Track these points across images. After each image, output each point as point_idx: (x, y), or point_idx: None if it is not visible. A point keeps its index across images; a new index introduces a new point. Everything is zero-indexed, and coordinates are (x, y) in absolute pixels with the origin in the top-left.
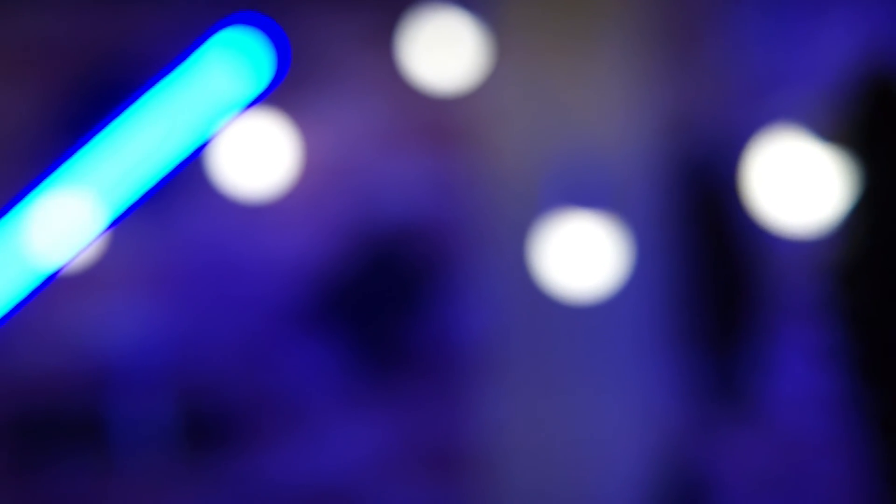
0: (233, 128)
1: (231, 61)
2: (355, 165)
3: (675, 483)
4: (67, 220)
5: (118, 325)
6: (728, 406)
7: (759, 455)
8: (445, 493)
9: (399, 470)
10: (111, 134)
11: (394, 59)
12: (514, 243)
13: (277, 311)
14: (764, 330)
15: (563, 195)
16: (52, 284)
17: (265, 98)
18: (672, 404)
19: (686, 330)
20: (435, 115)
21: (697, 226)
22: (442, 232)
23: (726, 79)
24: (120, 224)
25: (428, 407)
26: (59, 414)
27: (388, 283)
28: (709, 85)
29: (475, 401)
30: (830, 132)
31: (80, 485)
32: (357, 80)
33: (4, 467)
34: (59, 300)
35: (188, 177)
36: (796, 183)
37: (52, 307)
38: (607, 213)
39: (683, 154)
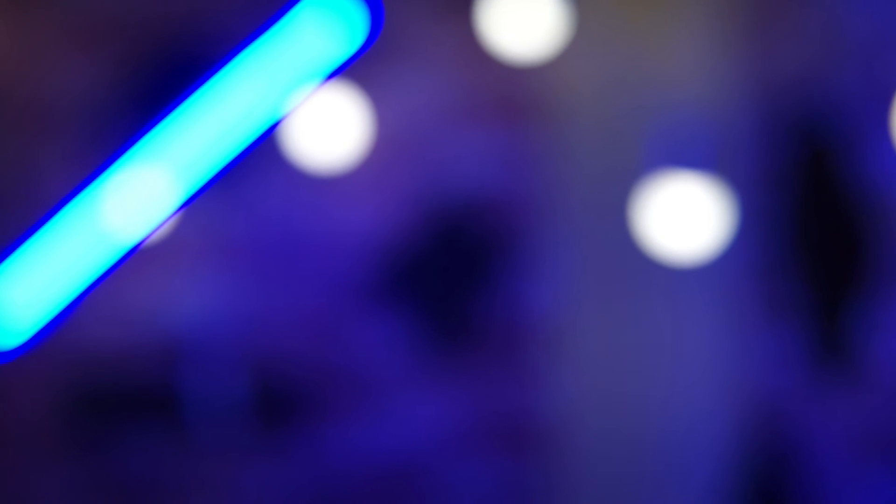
0: (306, 100)
1: (324, 22)
2: (426, 138)
3: (767, 453)
4: (145, 194)
5: (189, 299)
6: (832, 370)
7: (863, 419)
8: (515, 470)
9: (467, 445)
10: (193, 106)
11: (472, 28)
12: (589, 214)
13: (347, 285)
14: (870, 292)
15: (658, 159)
16: (124, 258)
17: (354, 62)
18: (769, 371)
19: (789, 294)
20: (510, 86)
21: (802, 187)
22: (512, 205)
23: (835, 38)
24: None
25: (497, 382)
26: (130, 389)
27: (458, 257)
28: (816, 44)
29: (545, 375)
30: None
31: (150, 459)
32: (433, 50)
33: (77, 442)
34: (130, 274)
35: (260, 150)
36: None
37: (123, 281)
38: (707, 176)
39: (788, 115)
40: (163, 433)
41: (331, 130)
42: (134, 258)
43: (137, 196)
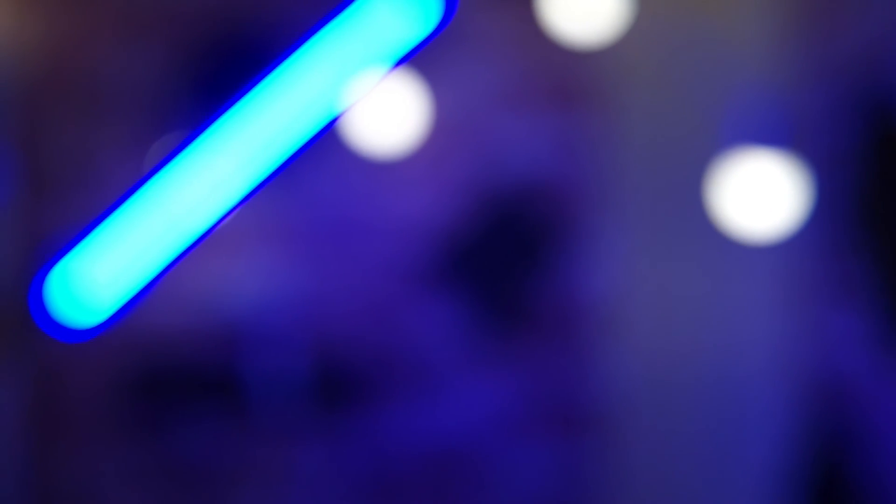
0: (374, 87)
1: (396, 8)
2: (483, 123)
3: (831, 433)
4: (214, 181)
5: (249, 283)
6: None
7: None
8: (569, 452)
9: (522, 428)
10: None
11: (532, 13)
12: (645, 197)
13: (403, 269)
14: None
15: (727, 139)
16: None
17: (422, 48)
18: (835, 351)
19: (859, 273)
20: (567, 71)
21: (875, 166)
22: (567, 190)
23: None
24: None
25: (551, 365)
26: (191, 372)
27: (513, 241)
28: (887, 21)
29: (599, 358)
30: None
31: (210, 441)
32: (492, 36)
33: (138, 424)
34: (192, 259)
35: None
36: None
37: (184, 266)
38: (780, 155)
39: (860, 93)
40: (223, 416)
41: (389, 116)
42: (200, 242)
43: (207, 183)
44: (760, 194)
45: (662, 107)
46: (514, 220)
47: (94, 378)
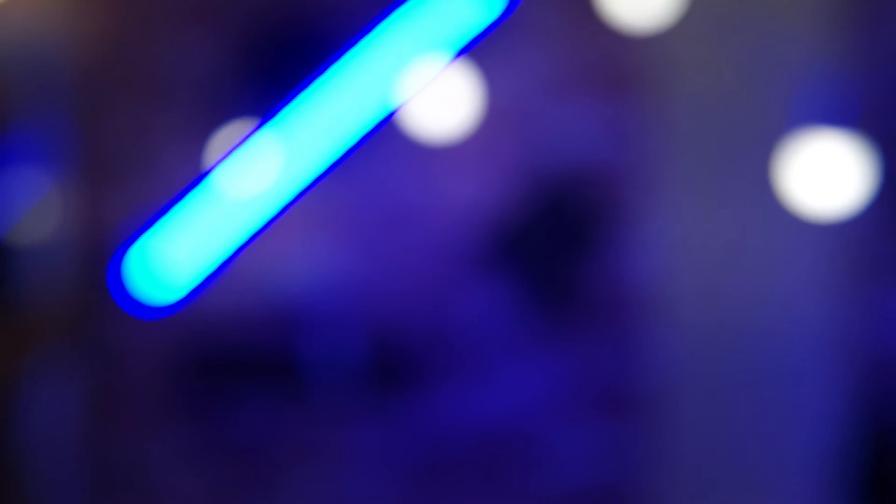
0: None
1: None
2: (535, 109)
3: (883, 415)
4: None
5: (304, 266)
6: None
7: None
8: (619, 434)
9: (572, 410)
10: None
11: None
12: (692, 184)
13: (455, 252)
14: None
15: (789, 121)
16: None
17: (484, 37)
18: (890, 332)
19: None
20: (619, 58)
21: None
22: (617, 175)
23: None
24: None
25: (600, 348)
26: (247, 355)
27: (563, 226)
28: None
29: (649, 342)
30: None
31: (266, 424)
32: (545, 22)
33: (195, 407)
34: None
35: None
36: None
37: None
38: (846, 136)
39: None
40: (278, 398)
41: (442, 102)
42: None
43: (275, 168)
44: (821, 176)
45: (714, 91)
46: (564, 205)
47: (152, 361)
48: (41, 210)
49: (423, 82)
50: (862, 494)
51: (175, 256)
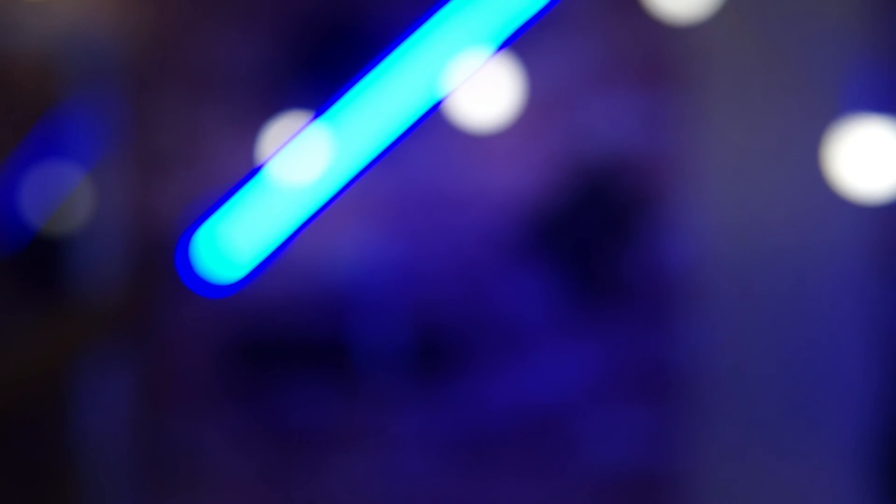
0: (477, 68)
1: None
2: (575, 99)
3: None
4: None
5: (351, 253)
6: None
7: None
8: (655, 418)
9: (610, 395)
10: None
11: None
12: (729, 173)
13: (496, 240)
14: None
15: (830, 110)
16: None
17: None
18: None
19: None
20: (659, 47)
21: None
22: (655, 164)
23: None
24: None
25: (638, 334)
26: (294, 339)
27: (601, 214)
28: None
29: (685, 328)
30: None
31: (312, 407)
32: (585, 11)
33: (243, 390)
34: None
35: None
36: None
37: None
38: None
39: None
40: (325, 382)
41: (484, 91)
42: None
43: (322, 158)
44: (864, 162)
45: (752, 81)
46: (602, 193)
47: (203, 345)
48: (94, 200)
49: (467, 73)
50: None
51: (237, 239)
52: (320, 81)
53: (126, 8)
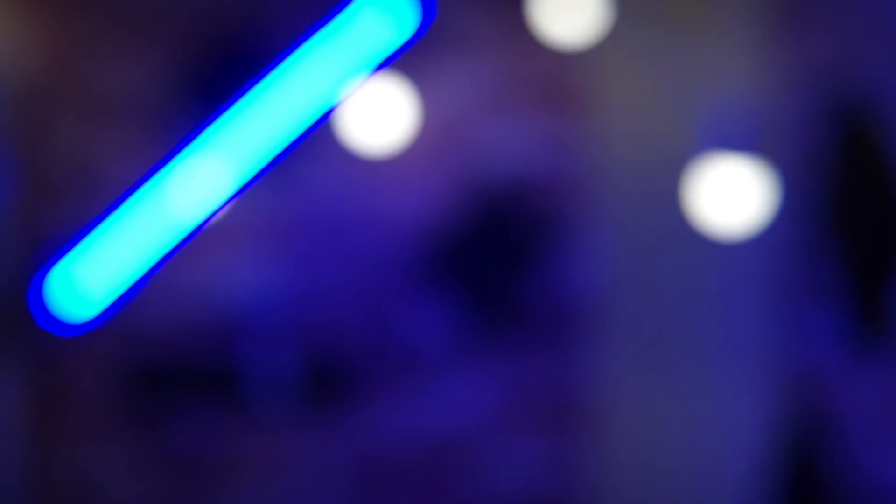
0: (359, 88)
1: (378, 13)
2: (472, 123)
3: (805, 427)
4: (205, 180)
5: (243, 279)
6: (870, 346)
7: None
8: (556, 446)
9: (511, 422)
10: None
11: (519, 15)
12: (629, 197)
13: (394, 265)
14: None
15: (702, 142)
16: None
17: (405, 51)
18: (808, 346)
19: (828, 271)
20: (553, 73)
21: (842, 169)
22: (555, 189)
23: (876, 24)
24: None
25: (539, 361)
26: (186, 366)
27: (502, 239)
28: (857, 30)
29: (586, 355)
30: None
31: (206, 434)
32: (480, 37)
33: (135, 418)
34: (187, 255)
35: (311, 135)
36: None
37: (179, 262)
38: (751, 158)
39: (829, 98)
40: (218, 409)
41: (380, 116)
42: (190, 239)
43: (198, 182)
44: (732, 195)
45: (642, 109)
46: (502, 218)
47: (92, 373)
48: None
49: (349, 93)
50: (786, 502)
51: (93, 274)
52: (208, 106)
53: (14, 34)
